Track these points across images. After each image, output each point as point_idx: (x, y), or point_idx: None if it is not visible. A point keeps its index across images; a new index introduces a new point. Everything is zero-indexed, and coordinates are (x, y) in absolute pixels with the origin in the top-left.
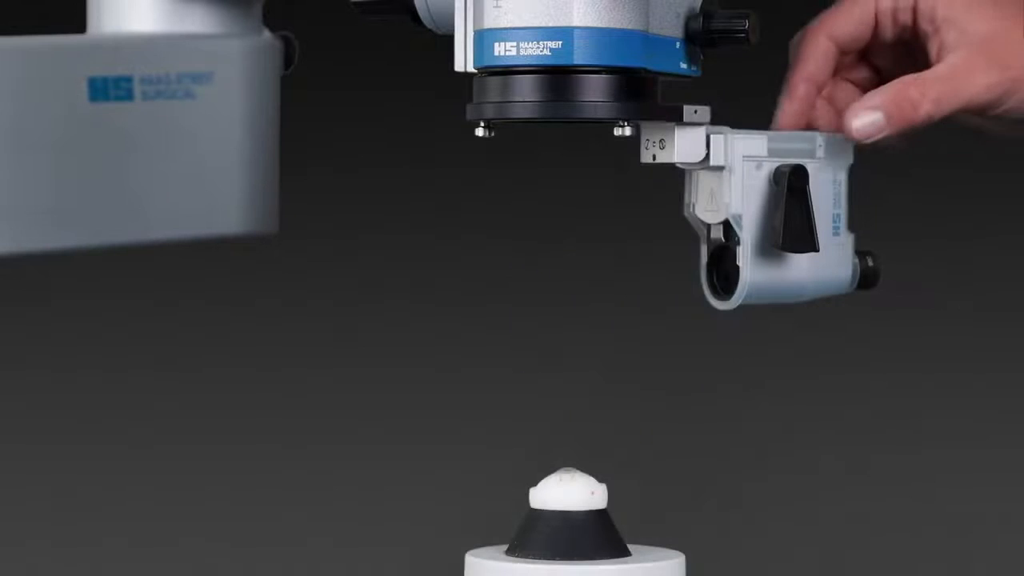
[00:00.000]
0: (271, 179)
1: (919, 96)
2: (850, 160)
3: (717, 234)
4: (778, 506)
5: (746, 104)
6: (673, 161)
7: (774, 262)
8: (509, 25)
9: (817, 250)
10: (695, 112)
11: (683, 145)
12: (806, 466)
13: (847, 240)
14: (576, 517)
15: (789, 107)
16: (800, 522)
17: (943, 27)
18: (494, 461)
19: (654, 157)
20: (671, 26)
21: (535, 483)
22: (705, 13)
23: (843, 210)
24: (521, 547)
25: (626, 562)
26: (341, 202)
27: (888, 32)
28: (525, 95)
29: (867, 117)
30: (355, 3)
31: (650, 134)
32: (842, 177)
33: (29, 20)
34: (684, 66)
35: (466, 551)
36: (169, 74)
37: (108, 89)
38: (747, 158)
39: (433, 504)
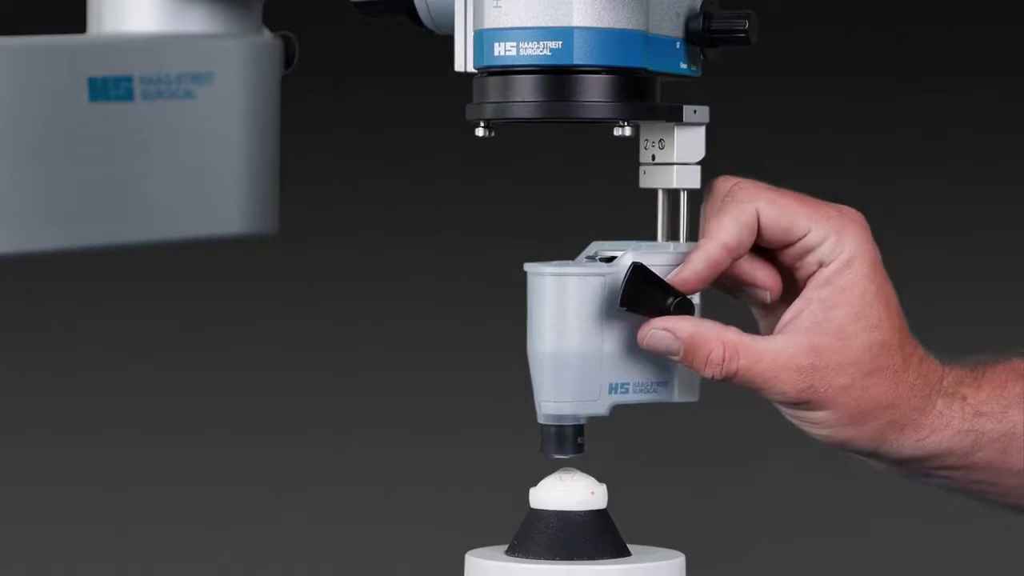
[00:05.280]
0: (271, 179)
1: (718, 360)
2: None
3: None
4: (778, 507)
5: (746, 104)
6: (672, 161)
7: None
8: (509, 25)
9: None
10: (695, 112)
11: (683, 145)
12: (807, 467)
13: None
14: (576, 517)
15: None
16: (800, 522)
17: (811, 302)
18: (494, 461)
19: (653, 157)
20: (671, 26)
21: (535, 483)
22: (705, 13)
23: None
24: (521, 547)
25: (626, 562)
26: (341, 202)
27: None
28: (525, 95)
29: (665, 340)
30: (355, 3)
31: (650, 134)
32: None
33: (29, 20)
34: (684, 66)
35: (466, 551)
36: (169, 74)
37: (108, 89)
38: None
39: (433, 504)
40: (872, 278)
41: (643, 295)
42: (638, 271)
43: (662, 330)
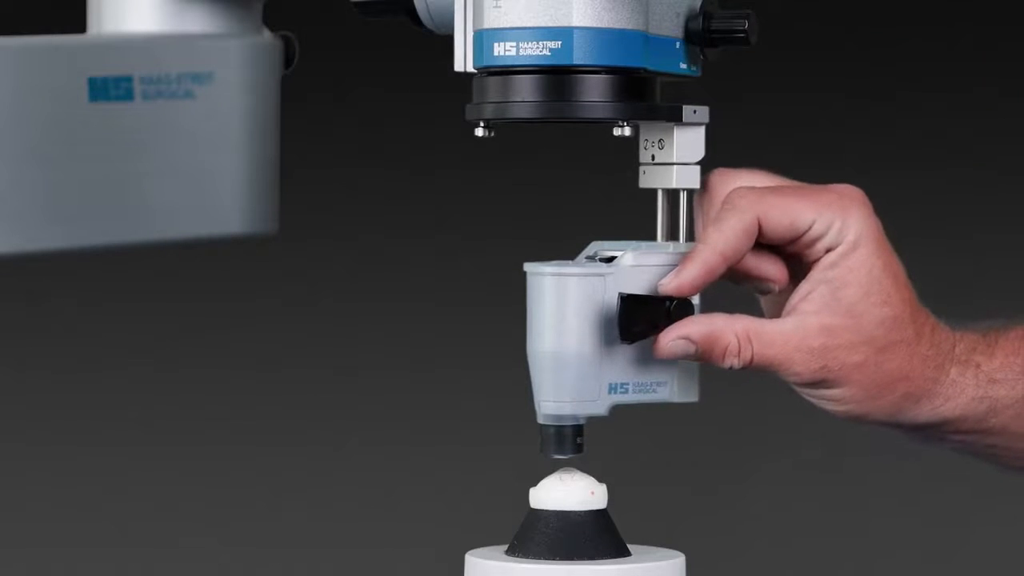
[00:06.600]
0: (271, 179)
1: (735, 351)
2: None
3: None
4: (778, 507)
5: (746, 104)
6: (672, 161)
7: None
8: (509, 25)
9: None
10: (695, 112)
11: (682, 145)
12: (806, 467)
13: None
14: (576, 517)
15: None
16: (800, 522)
17: (819, 284)
18: (494, 461)
19: (653, 157)
20: (671, 26)
21: (535, 483)
22: (705, 13)
23: None
24: (521, 547)
25: (626, 562)
26: (341, 202)
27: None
28: (524, 95)
29: (682, 347)
30: (355, 3)
31: (649, 134)
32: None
33: (29, 20)
34: (684, 66)
35: (466, 551)
36: (169, 74)
37: (108, 89)
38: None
39: (433, 504)
40: (878, 254)
41: (640, 319)
42: (627, 301)
43: (676, 339)
